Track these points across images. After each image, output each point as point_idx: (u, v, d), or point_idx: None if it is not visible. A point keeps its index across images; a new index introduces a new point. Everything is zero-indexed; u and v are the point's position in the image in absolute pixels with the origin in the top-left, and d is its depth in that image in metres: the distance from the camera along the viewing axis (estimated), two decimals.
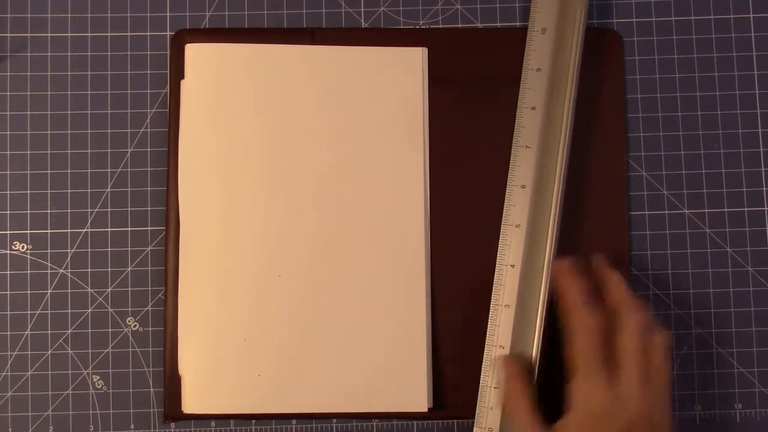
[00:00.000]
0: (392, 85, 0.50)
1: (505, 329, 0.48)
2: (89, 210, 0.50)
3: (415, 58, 0.51)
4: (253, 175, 0.49)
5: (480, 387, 0.48)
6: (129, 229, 0.50)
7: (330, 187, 0.50)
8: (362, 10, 0.52)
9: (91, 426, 0.49)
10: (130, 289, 0.50)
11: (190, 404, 0.48)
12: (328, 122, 0.50)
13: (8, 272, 0.50)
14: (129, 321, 0.50)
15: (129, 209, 0.50)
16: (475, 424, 0.48)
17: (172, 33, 0.51)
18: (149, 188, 0.51)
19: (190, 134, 0.50)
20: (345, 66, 0.50)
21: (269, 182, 0.49)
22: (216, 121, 0.50)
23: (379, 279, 0.49)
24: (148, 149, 0.51)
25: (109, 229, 0.50)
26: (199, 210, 0.49)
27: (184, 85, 0.50)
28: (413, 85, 0.50)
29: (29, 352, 0.49)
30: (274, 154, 0.50)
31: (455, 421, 0.50)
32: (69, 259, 0.50)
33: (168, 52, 0.51)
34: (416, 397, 0.49)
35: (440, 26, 0.52)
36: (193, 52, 0.50)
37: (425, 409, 0.49)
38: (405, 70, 0.50)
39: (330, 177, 0.50)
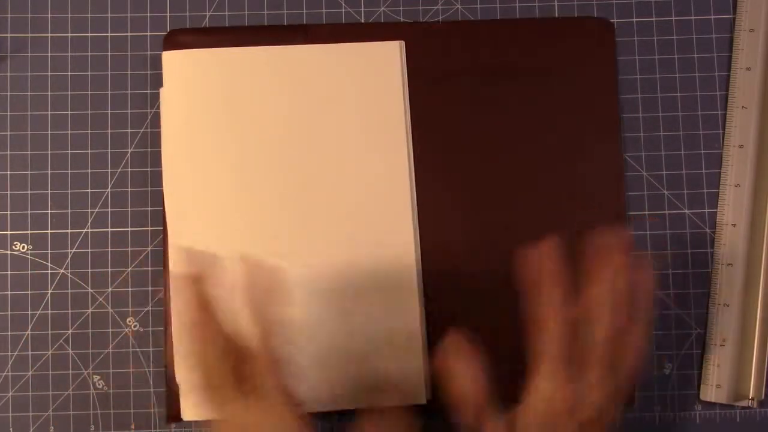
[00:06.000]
0: (371, 80, 0.50)
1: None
2: (89, 210, 0.50)
3: (393, 51, 0.50)
4: (235, 180, 0.49)
5: (705, 345, 0.50)
6: (129, 229, 0.50)
7: (314, 184, 0.49)
8: (362, 10, 0.52)
9: (92, 426, 0.49)
10: (130, 289, 0.50)
11: (188, 412, 0.48)
12: (308, 121, 0.49)
13: (9, 272, 0.50)
14: (129, 321, 0.50)
15: (129, 209, 0.50)
16: (702, 381, 0.50)
17: None
18: (149, 188, 0.51)
19: (173, 143, 0.49)
20: (321, 64, 0.50)
21: (250, 186, 0.49)
22: (196, 127, 0.49)
23: (369, 276, 0.49)
24: (148, 149, 0.51)
25: (109, 229, 0.50)
26: (186, 224, 0.49)
27: (163, 93, 0.50)
28: (392, 79, 0.50)
29: (30, 353, 0.49)
30: (255, 157, 0.49)
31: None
32: (69, 259, 0.50)
33: None
34: (414, 391, 0.49)
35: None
36: (170, 59, 0.50)
37: (423, 402, 0.49)
38: (383, 64, 0.50)
39: (313, 175, 0.49)
